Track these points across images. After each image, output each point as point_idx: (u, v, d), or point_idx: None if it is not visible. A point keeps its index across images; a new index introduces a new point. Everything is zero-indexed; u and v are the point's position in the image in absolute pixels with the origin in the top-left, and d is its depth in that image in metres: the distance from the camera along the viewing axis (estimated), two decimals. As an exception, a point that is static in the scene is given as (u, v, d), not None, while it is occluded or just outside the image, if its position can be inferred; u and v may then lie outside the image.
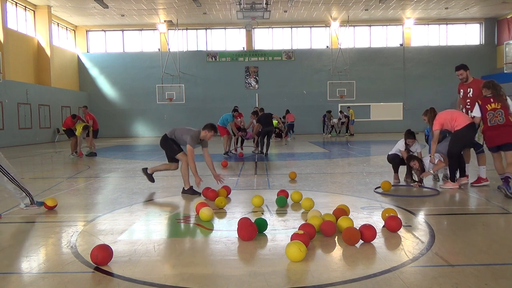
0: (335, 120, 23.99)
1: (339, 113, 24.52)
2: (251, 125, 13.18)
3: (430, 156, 6.19)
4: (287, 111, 22.14)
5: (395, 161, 6.73)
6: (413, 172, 6.36)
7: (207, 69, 27.43)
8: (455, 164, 5.99)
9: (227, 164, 9.32)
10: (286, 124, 21.57)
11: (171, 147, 6.04)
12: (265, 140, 11.79)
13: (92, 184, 7.25)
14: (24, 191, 4.81)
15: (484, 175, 6.15)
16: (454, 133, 5.90)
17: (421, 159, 6.34)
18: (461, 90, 6.43)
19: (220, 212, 4.76)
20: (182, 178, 5.92)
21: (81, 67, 27.49)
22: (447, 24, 27.66)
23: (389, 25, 27.77)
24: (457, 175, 6.11)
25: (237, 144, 13.25)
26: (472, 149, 6.43)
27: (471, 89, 6.19)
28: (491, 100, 5.60)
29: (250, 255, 3.31)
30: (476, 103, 5.80)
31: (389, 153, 6.89)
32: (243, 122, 13.66)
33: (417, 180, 6.32)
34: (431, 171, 6.34)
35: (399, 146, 6.65)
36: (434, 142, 6.06)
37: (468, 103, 6.20)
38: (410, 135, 6.55)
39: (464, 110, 6.36)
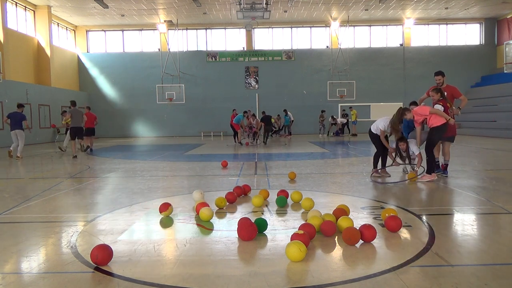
0: (342, 120, 24.04)
1: (340, 115, 24.54)
2: (249, 123, 18.56)
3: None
4: (263, 112, 20.46)
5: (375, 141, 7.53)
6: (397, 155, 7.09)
7: (207, 69, 27.43)
8: (432, 157, 6.76)
9: (227, 164, 9.32)
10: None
11: None
12: (266, 134, 18.02)
13: (92, 184, 7.24)
14: None
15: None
16: (437, 127, 6.73)
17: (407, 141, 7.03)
18: None
19: (220, 212, 4.77)
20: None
21: (81, 67, 27.49)
22: (447, 24, 27.65)
23: (389, 25, 27.77)
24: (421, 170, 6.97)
25: (239, 137, 17.89)
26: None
27: (445, 92, 7.35)
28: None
29: (250, 255, 3.30)
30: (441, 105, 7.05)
31: (372, 130, 7.52)
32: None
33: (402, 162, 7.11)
34: (416, 169, 6.96)
35: (380, 126, 7.21)
36: (440, 114, 6.75)
37: (442, 104, 7.15)
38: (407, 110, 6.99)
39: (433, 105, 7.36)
